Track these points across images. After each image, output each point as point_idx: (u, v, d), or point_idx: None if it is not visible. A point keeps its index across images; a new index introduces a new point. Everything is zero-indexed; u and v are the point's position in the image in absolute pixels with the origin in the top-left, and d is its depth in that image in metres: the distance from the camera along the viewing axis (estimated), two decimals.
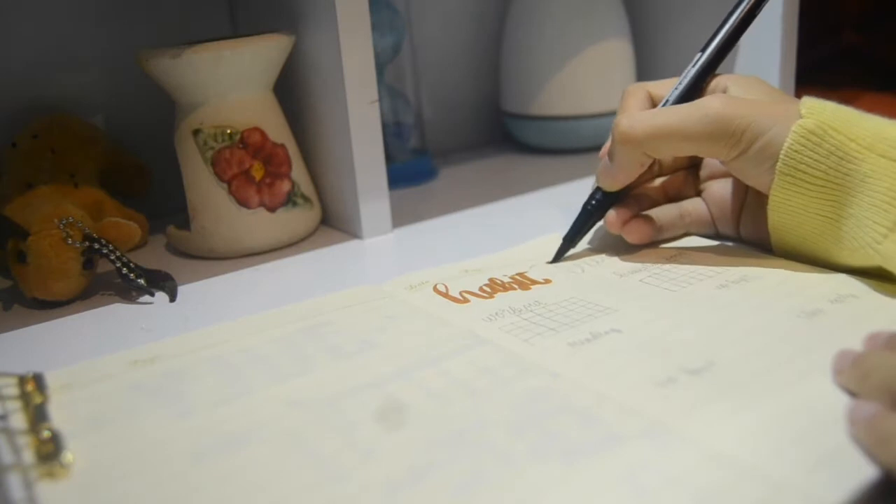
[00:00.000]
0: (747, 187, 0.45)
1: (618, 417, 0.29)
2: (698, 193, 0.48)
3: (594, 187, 0.47)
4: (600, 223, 0.47)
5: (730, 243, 0.47)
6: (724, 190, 0.46)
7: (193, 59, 0.49)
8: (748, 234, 0.46)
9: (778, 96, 0.42)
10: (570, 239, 0.46)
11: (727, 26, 0.45)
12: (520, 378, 0.32)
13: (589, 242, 0.48)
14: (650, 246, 0.47)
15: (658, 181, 0.49)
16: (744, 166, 0.40)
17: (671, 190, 0.49)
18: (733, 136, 0.39)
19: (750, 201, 0.45)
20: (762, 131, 0.39)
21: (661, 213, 0.47)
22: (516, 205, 0.60)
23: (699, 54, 0.45)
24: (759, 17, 0.45)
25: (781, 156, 0.38)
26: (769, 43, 0.63)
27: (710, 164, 0.47)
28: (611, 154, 0.44)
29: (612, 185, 0.45)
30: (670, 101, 0.45)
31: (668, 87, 0.45)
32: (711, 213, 0.47)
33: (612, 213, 0.46)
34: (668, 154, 0.43)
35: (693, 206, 0.47)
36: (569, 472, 0.26)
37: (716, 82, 0.45)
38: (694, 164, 0.49)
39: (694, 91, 0.44)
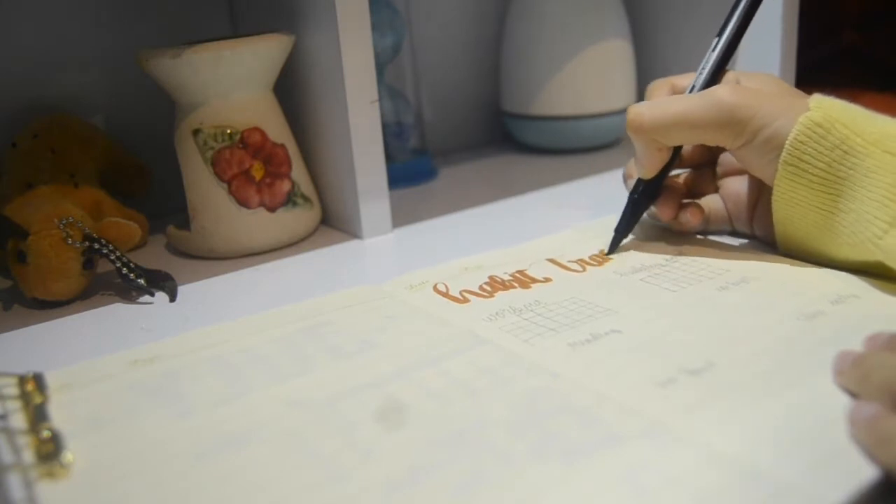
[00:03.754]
0: (762, 184, 0.45)
1: (618, 417, 0.29)
2: (716, 191, 0.48)
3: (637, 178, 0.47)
4: (585, 224, 0.47)
5: (732, 242, 0.47)
6: (739, 187, 0.46)
7: (193, 59, 0.49)
8: (761, 231, 0.46)
9: (788, 90, 0.42)
10: (622, 230, 0.46)
11: (740, 7, 0.45)
12: (520, 378, 0.32)
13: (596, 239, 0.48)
14: (651, 245, 0.47)
15: (682, 178, 0.49)
16: (749, 155, 0.41)
17: (691, 187, 0.49)
18: (739, 125, 0.39)
19: (764, 198, 0.45)
20: (768, 122, 0.39)
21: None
22: (516, 205, 0.60)
23: (717, 38, 0.45)
24: (759, 18, 0.45)
25: (786, 146, 0.39)
26: (769, 43, 0.63)
27: (726, 161, 0.48)
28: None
29: (644, 173, 0.45)
30: (697, 87, 0.45)
31: (693, 79, 0.46)
32: (728, 210, 0.47)
33: (661, 204, 0.46)
34: (677, 141, 0.44)
35: (711, 203, 0.48)
36: (569, 472, 0.26)
37: (728, 77, 0.45)
38: (712, 160, 0.49)
39: (718, 75, 0.45)
